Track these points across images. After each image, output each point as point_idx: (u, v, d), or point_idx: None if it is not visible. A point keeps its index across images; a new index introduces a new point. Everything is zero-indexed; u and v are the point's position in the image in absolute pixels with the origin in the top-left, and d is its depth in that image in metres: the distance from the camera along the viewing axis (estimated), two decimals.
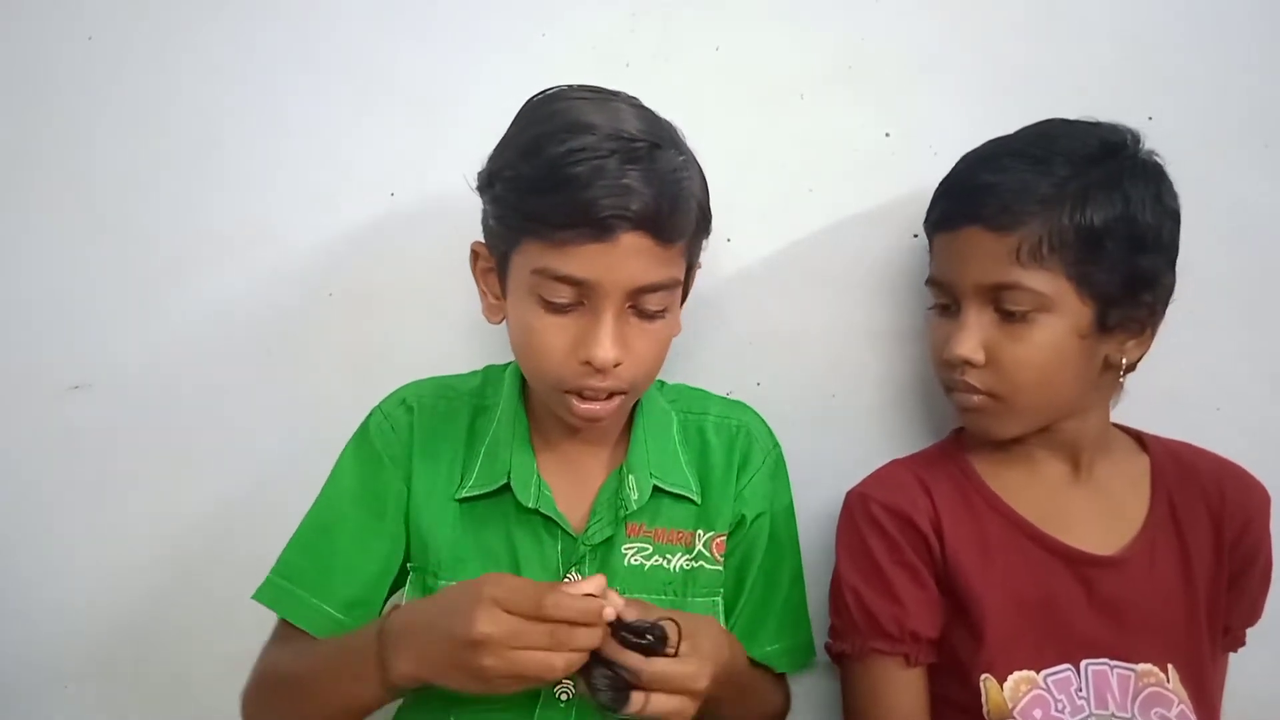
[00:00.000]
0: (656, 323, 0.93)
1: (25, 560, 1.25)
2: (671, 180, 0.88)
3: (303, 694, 0.95)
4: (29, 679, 1.27)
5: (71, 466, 1.24)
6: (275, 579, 1.00)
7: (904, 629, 0.97)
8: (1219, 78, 1.14)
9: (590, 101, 0.92)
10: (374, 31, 1.19)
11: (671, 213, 0.88)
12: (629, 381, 0.93)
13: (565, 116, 0.90)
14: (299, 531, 1.03)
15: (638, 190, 0.85)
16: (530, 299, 0.91)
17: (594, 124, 0.88)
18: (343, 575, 0.99)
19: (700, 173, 0.95)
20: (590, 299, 0.89)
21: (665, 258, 0.90)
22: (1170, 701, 0.94)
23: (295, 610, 0.99)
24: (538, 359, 0.93)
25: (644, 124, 0.90)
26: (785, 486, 1.10)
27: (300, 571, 1.00)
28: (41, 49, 1.21)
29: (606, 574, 0.97)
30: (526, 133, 0.92)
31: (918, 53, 1.16)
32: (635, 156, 0.86)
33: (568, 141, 0.86)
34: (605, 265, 0.87)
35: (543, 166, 0.87)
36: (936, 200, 1.01)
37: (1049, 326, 0.92)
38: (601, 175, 0.85)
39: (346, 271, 1.22)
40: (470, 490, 1.00)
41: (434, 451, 1.02)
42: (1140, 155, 0.95)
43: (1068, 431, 1.00)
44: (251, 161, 1.21)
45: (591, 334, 0.90)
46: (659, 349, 0.95)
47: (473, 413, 1.05)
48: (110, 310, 1.22)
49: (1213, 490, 1.00)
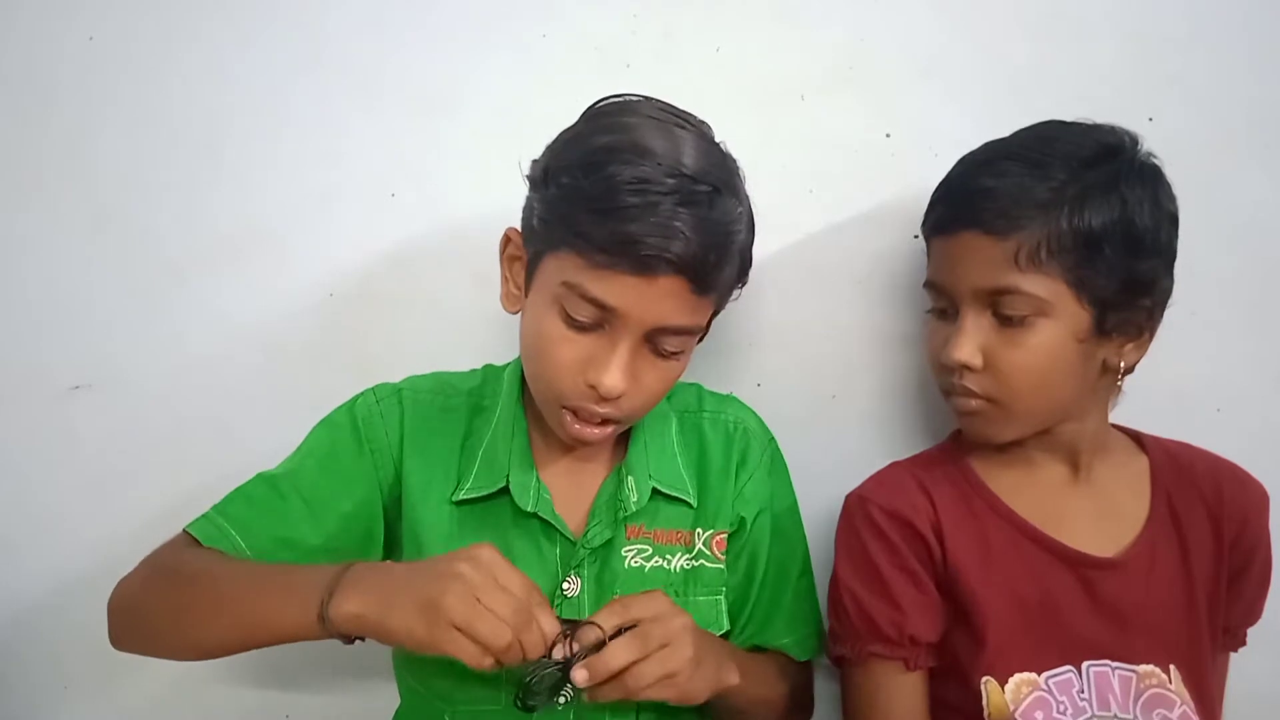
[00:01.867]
0: (669, 361, 0.93)
1: (25, 560, 1.26)
2: (723, 232, 0.88)
3: (211, 598, 0.90)
4: (28, 679, 1.28)
5: (71, 466, 1.24)
6: (214, 516, 0.97)
7: (903, 633, 0.98)
8: (1220, 78, 1.15)
9: (665, 126, 0.90)
10: (375, 32, 1.20)
11: (715, 265, 0.88)
12: (627, 412, 0.94)
13: (633, 135, 0.88)
14: (252, 481, 1.00)
15: (688, 236, 0.84)
16: (552, 307, 0.91)
17: (674, 157, 0.87)
18: (282, 535, 0.97)
19: (751, 222, 0.95)
20: (611, 325, 0.89)
21: (697, 304, 0.90)
22: (1172, 703, 0.94)
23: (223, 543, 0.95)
24: (544, 367, 0.93)
25: (708, 163, 0.89)
26: (785, 480, 1.10)
27: (240, 517, 0.97)
28: (42, 49, 1.21)
29: (607, 576, 0.99)
30: (593, 141, 0.90)
31: (918, 54, 1.17)
32: (694, 200, 0.86)
33: (631, 167, 0.85)
34: (636, 299, 0.87)
35: (601, 186, 0.86)
36: (934, 204, 1.01)
37: (1047, 331, 0.92)
38: (656, 213, 0.84)
39: (347, 271, 1.22)
40: (468, 493, 1.00)
41: (428, 449, 1.02)
42: (1138, 157, 0.95)
43: (1066, 434, 1.00)
44: (252, 161, 1.21)
45: (603, 359, 0.90)
46: (664, 387, 0.95)
47: (470, 412, 1.04)
48: (110, 310, 1.23)
49: (1210, 490, 1.01)
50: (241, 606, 0.88)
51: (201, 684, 1.26)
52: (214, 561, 0.93)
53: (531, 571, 0.97)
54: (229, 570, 0.92)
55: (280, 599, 0.86)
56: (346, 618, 0.82)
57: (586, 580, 0.99)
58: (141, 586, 0.95)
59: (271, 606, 0.87)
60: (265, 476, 1.00)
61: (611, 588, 0.99)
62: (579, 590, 0.99)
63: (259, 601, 0.87)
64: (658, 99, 0.94)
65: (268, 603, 0.87)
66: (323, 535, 0.98)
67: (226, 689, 1.27)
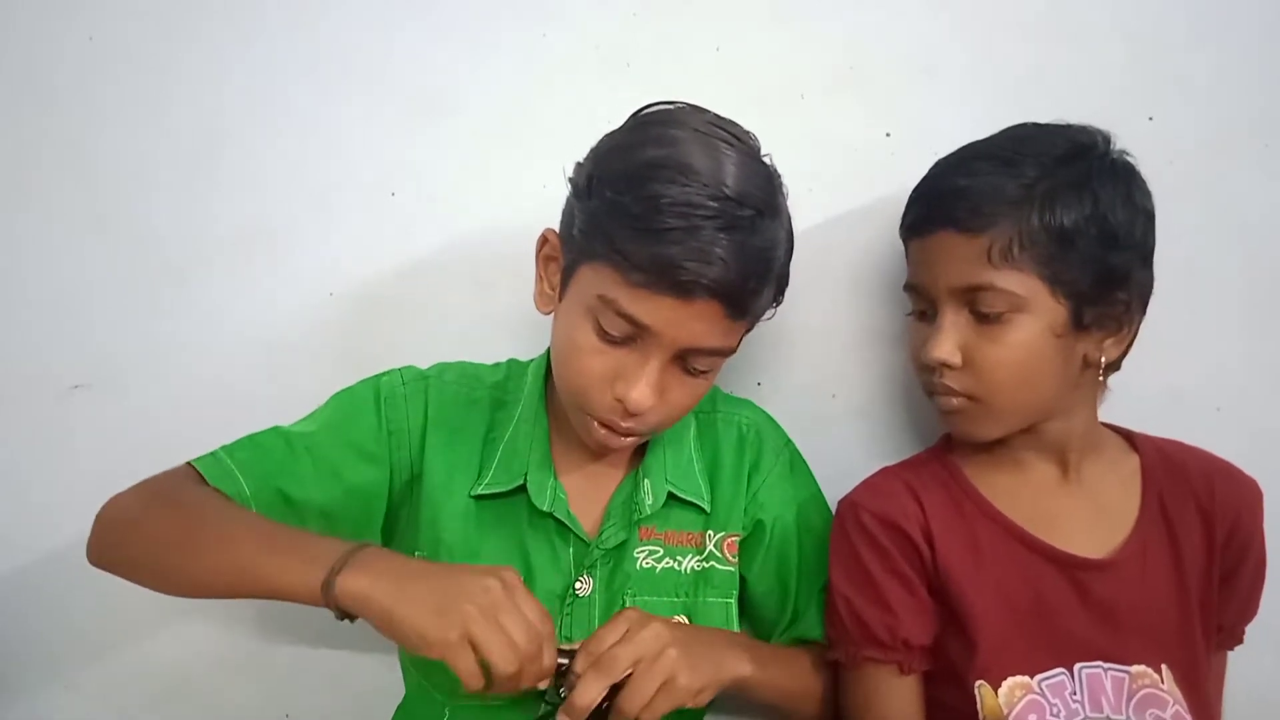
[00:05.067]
0: (698, 380, 0.95)
1: (24, 559, 1.28)
2: (763, 259, 0.90)
3: (213, 536, 0.89)
4: (28, 678, 1.30)
5: (71, 466, 1.26)
6: (221, 455, 0.97)
7: (896, 637, 0.99)
8: (1220, 78, 1.15)
9: (706, 141, 0.90)
10: (375, 31, 1.22)
11: (753, 292, 0.90)
12: (653, 426, 0.96)
13: (679, 151, 0.89)
14: (265, 432, 1.00)
15: (727, 262, 0.86)
16: (586, 317, 0.92)
17: (718, 178, 0.87)
18: (285, 491, 0.97)
19: (790, 240, 0.96)
20: (644, 341, 0.90)
21: (730, 327, 0.92)
22: (1165, 702, 0.95)
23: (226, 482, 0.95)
24: (573, 376, 0.95)
25: (752, 184, 0.89)
26: (806, 477, 1.12)
27: (248, 463, 0.97)
28: (42, 49, 1.23)
29: (619, 577, 1.01)
30: (637, 154, 0.90)
31: (918, 53, 1.18)
32: (736, 225, 0.86)
33: (676, 186, 0.86)
34: (671, 319, 0.88)
35: (644, 205, 0.86)
36: (910, 206, 1.03)
37: (1024, 326, 0.94)
38: (697, 237, 0.85)
39: (347, 271, 1.24)
40: (486, 488, 1.02)
41: (452, 441, 1.03)
42: (1111, 155, 0.96)
43: (1053, 432, 1.01)
44: (252, 161, 1.23)
45: (632, 374, 0.91)
46: (691, 402, 0.97)
47: (493, 406, 1.06)
48: (110, 310, 1.25)
49: (1202, 488, 1.02)
50: (243, 552, 0.86)
51: (201, 684, 1.28)
52: (222, 503, 0.93)
53: (545, 569, 1.00)
54: (237, 515, 0.91)
55: (286, 557, 0.85)
56: (353, 594, 0.81)
57: (599, 580, 1.01)
58: (141, 508, 0.94)
59: (275, 562, 0.85)
60: (280, 430, 1.01)
61: (623, 588, 1.01)
62: (591, 590, 1.01)
63: (262, 553, 0.86)
64: (707, 109, 0.96)
65: (272, 557, 0.85)
66: (324, 500, 0.98)
67: (226, 689, 1.28)
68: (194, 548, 0.89)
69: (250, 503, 0.94)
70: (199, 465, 0.96)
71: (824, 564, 1.07)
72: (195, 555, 0.88)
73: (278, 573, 0.84)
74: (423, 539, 1.02)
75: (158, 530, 0.91)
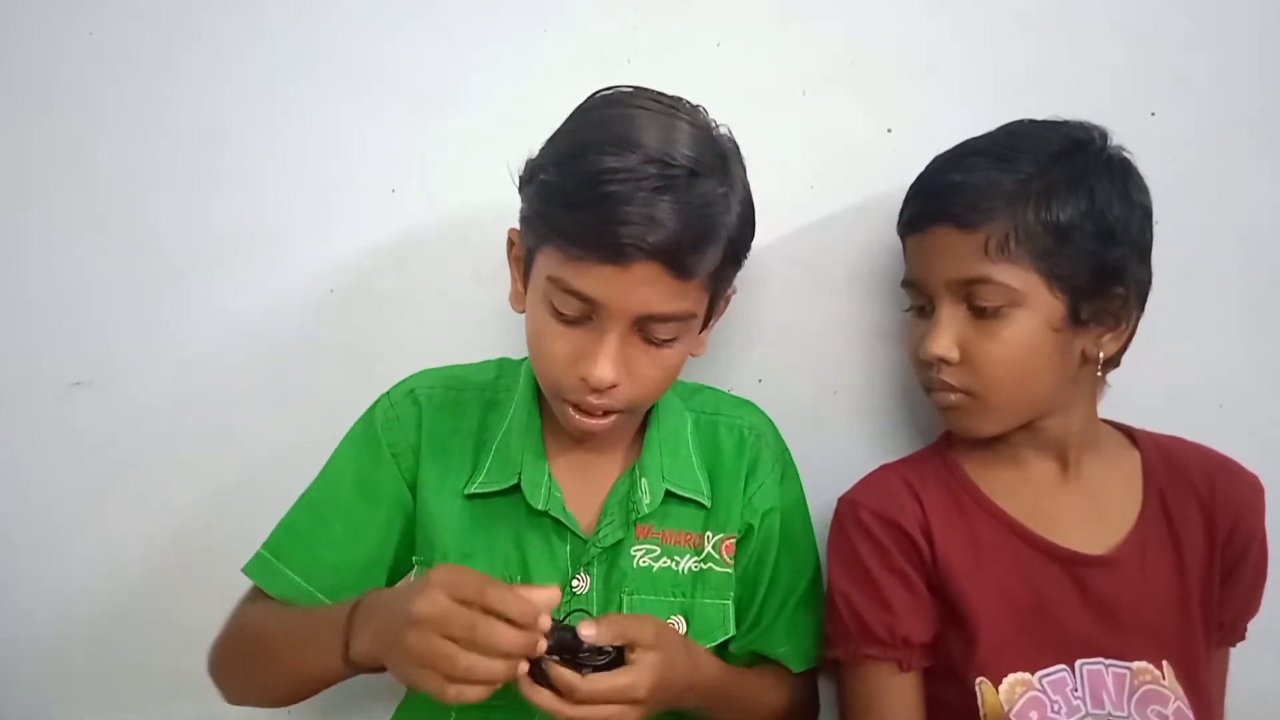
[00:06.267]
0: (664, 350, 0.94)
1: (25, 556, 1.29)
2: (701, 214, 0.88)
3: (267, 654, 0.97)
4: (28, 674, 1.30)
5: (72, 463, 1.27)
6: (266, 555, 1.03)
7: (895, 635, 1.00)
8: (1222, 76, 1.16)
9: (649, 115, 0.91)
10: (375, 30, 1.22)
11: (693, 248, 0.88)
12: (626, 402, 0.95)
13: (616, 128, 0.90)
14: (294, 510, 1.05)
15: (661, 222, 0.85)
16: (543, 303, 0.93)
17: (642, 142, 0.87)
18: (331, 561, 1.01)
19: (742, 203, 0.95)
20: (597, 317, 0.91)
21: (680, 290, 0.90)
22: (1166, 698, 0.96)
23: (282, 587, 1.01)
24: (541, 362, 0.96)
25: (694, 147, 0.89)
26: (796, 489, 1.12)
27: (288, 551, 1.02)
28: (42, 47, 1.24)
29: (616, 576, 1.01)
30: (573, 137, 0.93)
31: (920, 50, 1.19)
32: (669, 185, 0.86)
33: (605, 159, 0.86)
34: (615, 288, 0.88)
35: (574, 180, 0.88)
36: (907, 202, 1.04)
37: (1021, 321, 0.94)
38: (628, 201, 0.85)
39: (347, 268, 1.24)
40: (480, 487, 1.02)
41: (443, 447, 1.04)
42: (1108, 151, 0.97)
43: (1053, 429, 1.02)
44: (252, 158, 1.24)
45: (592, 352, 0.92)
46: (664, 375, 0.97)
47: (484, 406, 1.07)
48: (111, 308, 1.25)
49: (1203, 484, 1.02)
50: (288, 662, 0.95)
51: (201, 680, 1.28)
52: (266, 618, 1.00)
53: (542, 567, 1.00)
54: (274, 627, 0.98)
55: (313, 649, 0.91)
56: (366, 657, 0.87)
57: (596, 578, 1.02)
58: (221, 652, 1.03)
59: (309, 657, 0.92)
60: (306, 502, 1.05)
61: (620, 586, 1.01)
62: (588, 588, 1.01)
63: (299, 655, 0.93)
64: (650, 89, 0.96)
65: (305, 654, 0.92)
66: (368, 551, 1.03)
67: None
68: (263, 675, 0.99)
69: (308, 594, 1.00)
70: (250, 574, 1.02)
71: (795, 580, 1.08)
72: (269, 680, 0.99)
73: (317, 667, 0.92)
74: (420, 543, 1.03)
75: (236, 669, 1.02)
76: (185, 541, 1.27)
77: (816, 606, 1.09)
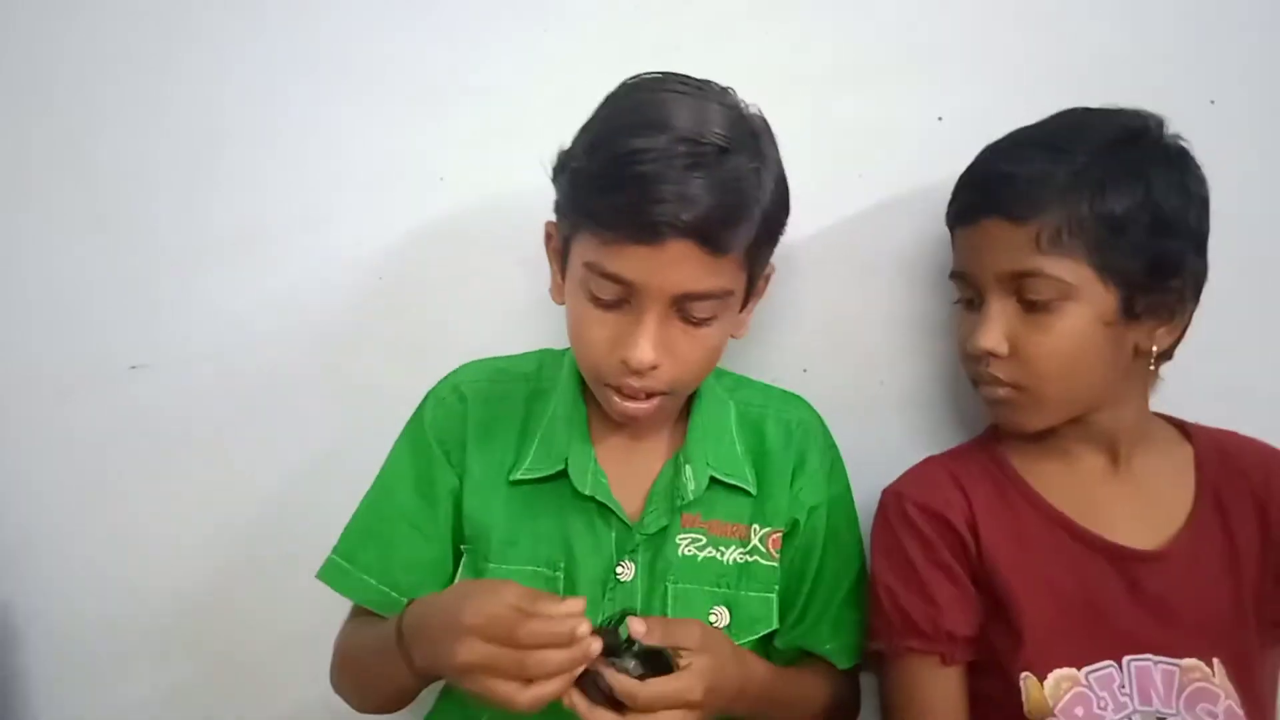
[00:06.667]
0: (703, 329, 0.95)
1: (84, 540, 1.31)
2: (733, 189, 0.89)
3: (362, 672, 1.02)
4: (89, 654, 1.33)
5: (130, 447, 1.29)
6: (336, 559, 1.05)
7: (939, 628, 0.99)
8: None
9: (678, 96, 0.92)
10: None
11: (725, 223, 0.89)
12: (668, 383, 0.96)
13: (645, 112, 0.91)
14: (358, 514, 1.07)
15: (692, 198, 0.86)
16: (581, 289, 0.94)
17: (672, 123, 0.88)
18: (401, 560, 1.03)
19: (776, 181, 0.95)
20: (635, 299, 0.92)
21: (715, 267, 0.90)
22: (1216, 697, 0.94)
23: (358, 590, 1.04)
24: (581, 349, 0.97)
25: (724, 125, 0.90)
26: (844, 485, 1.11)
27: (359, 554, 1.04)
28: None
29: (660, 564, 1.01)
30: (603, 123, 0.94)
31: (971, 36, 1.17)
32: (699, 163, 0.87)
33: (635, 140, 0.87)
34: (650, 269, 0.89)
35: (604, 164, 0.89)
36: (956, 193, 1.03)
37: (1073, 315, 0.93)
38: (658, 180, 0.85)
39: (396, 256, 1.26)
40: (525, 473, 1.03)
41: (488, 437, 1.06)
42: (1164, 140, 0.95)
43: (1103, 423, 1.01)
44: (304, 148, 1.25)
45: (630, 334, 0.92)
46: (705, 355, 0.97)
47: (529, 396, 1.08)
48: (167, 294, 1.27)
49: (1259, 479, 1.01)
50: (380, 679, 0.98)
51: (257, 661, 1.31)
52: (353, 638, 1.04)
53: (586, 554, 1.01)
54: (363, 647, 1.01)
55: (390, 665, 0.93)
56: (428, 669, 0.89)
57: (640, 566, 1.02)
58: (335, 675, 1.06)
59: (390, 674, 0.94)
60: (369, 504, 1.07)
61: (665, 575, 1.02)
62: (633, 575, 1.02)
63: (384, 672, 0.95)
64: (679, 73, 0.96)
65: (390, 673, 0.94)
66: (433, 547, 1.05)
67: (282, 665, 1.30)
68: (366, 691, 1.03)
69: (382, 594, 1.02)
70: (326, 580, 1.04)
71: (841, 576, 1.07)
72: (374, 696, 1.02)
73: (400, 680, 0.93)
74: (468, 533, 1.04)
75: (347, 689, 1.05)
76: (240, 522, 1.30)
77: (861, 603, 1.09)
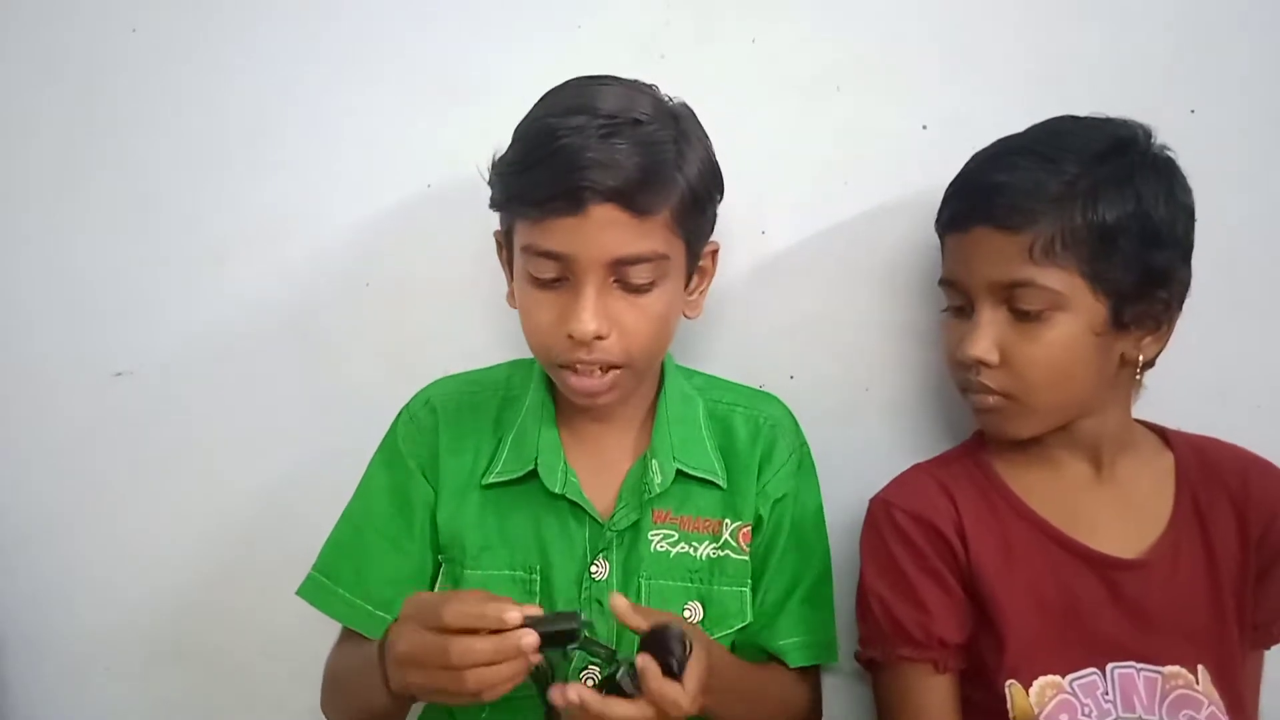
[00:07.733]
0: (646, 296, 0.96)
1: (70, 545, 1.32)
2: (649, 153, 0.91)
3: (347, 695, 1.02)
4: (73, 660, 1.33)
5: (115, 454, 1.29)
6: (316, 576, 1.06)
7: (931, 635, 1.00)
8: (1264, 71, 1.14)
9: (607, 88, 0.96)
10: (413, 23, 1.23)
11: (643, 183, 0.90)
12: (620, 355, 0.96)
13: (570, 100, 0.94)
14: (336, 530, 1.08)
15: (605, 162, 0.89)
16: (523, 275, 0.97)
17: (595, 105, 0.92)
18: (378, 575, 1.04)
19: (700, 152, 0.97)
20: (572, 273, 0.94)
21: (643, 229, 0.92)
22: (1199, 703, 0.95)
23: (338, 608, 1.04)
24: (531, 333, 0.99)
25: (629, 103, 0.93)
26: (811, 483, 1.12)
27: (338, 570, 1.05)
28: (83, 41, 1.26)
29: (633, 560, 1.02)
30: (531, 114, 0.98)
31: (956, 44, 1.18)
32: (615, 131, 0.90)
33: (556, 120, 0.91)
34: (579, 238, 0.91)
35: (528, 145, 0.94)
36: (947, 201, 1.03)
37: (1063, 325, 0.94)
38: (574, 151, 0.89)
39: (384, 262, 1.26)
40: (497, 476, 1.04)
41: (461, 446, 1.07)
42: (1152, 150, 0.96)
43: (1087, 430, 1.02)
44: (289, 153, 1.25)
45: (572, 307, 0.94)
46: (651, 324, 0.97)
47: (500, 404, 1.09)
48: (150, 299, 1.27)
49: (1237, 484, 1.01)
50: (363, 702, 0.97)
51: (241, 666, 1.31)
52: (340, 661, 1.05)
53: (560, 554, 1.02)
54: (347, 670, 1.02)
55: (371, 691, 0.92)
56: (406, 689, 0.87)
57: (614, 564, 1.03)
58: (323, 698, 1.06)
59: (375, 699, 0.92)
60: (347, 520, 1.08)
61: (637, 572, 1.02)
62: (607, 574, 1.02)
63: (366, 695, 0.94)
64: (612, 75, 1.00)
65: (372, 696, 0.93)
66: (411, 561, 1.05)
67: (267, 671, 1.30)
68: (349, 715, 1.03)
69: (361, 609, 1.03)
70: (305, 598, 1.05)
71: (801, 573, 1.08)
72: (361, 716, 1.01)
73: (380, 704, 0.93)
74: (444, 541, 1.05)
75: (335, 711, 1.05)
76: (223, 527, 1.30)
77: (823, 604, 1.09)
